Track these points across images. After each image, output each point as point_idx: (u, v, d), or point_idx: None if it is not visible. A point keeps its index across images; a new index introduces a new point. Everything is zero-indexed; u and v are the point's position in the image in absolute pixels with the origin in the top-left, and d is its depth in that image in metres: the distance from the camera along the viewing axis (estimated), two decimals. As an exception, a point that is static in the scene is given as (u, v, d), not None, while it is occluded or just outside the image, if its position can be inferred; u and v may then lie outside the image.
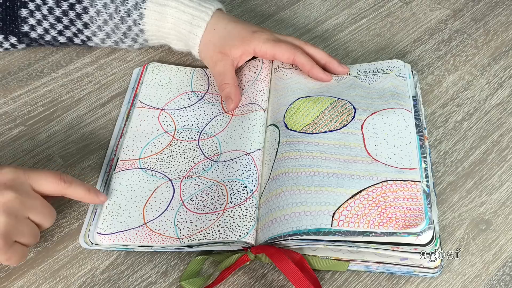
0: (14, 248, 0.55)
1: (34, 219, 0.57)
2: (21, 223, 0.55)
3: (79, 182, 0.60)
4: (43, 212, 0.57)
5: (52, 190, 0.58)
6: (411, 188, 0.58)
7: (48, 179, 0.58)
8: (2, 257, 0.54)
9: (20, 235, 0.55)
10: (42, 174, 0.58)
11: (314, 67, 0.73)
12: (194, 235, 0.60)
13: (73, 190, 0.59)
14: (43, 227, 0.58)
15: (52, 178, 0.58)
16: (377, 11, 0.89)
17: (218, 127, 0.71)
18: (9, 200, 0.54)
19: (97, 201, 0.62)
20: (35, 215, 0.56)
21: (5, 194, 0.54)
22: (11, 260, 0.55)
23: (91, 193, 0.61)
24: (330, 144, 0.64)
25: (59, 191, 0.59)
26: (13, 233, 0.54)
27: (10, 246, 0.54)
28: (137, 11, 0.74)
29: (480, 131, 0.72)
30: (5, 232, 0.53)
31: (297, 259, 0.58)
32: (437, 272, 0.59)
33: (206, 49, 0.75)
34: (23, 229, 0.55)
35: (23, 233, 0.55)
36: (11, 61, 0.80)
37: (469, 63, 0.81)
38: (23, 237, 0.55)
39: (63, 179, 0.59)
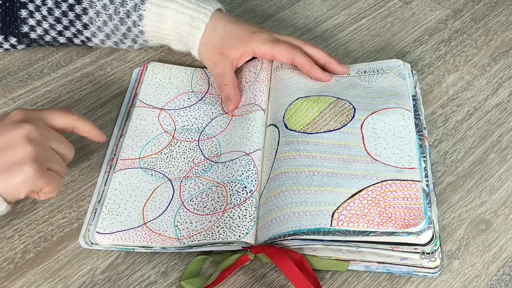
0: (50, 173, 0.56)
1: (56, 149, 0.58)
2: (47, 151, 0.57)
3: (85, 119, 0.63)
4: (63, 143, 0.59)
5: (63, 123, 0.60)
6: (411, 188, 0.58)
7: (58, 113, 0.60)
8: (42, 182, 0.55)
9: (50, 162, 0.57)
10: (51, 109, 0.60)
11: (313, 67, 0.73)
12: (194, 235, 0.60)
13: (81, 123, 0.62)
14: (66, 158, 0.59)
15: (61, 112, 0.60)
16: (377, 11, 0.89)
17: (218, 128, 0.71)
18: (29, 131, 0.56)
19: (101, 137, 0.64)
20: (57, 145, 0.58)
21: (24, 126, 0.56)
22: (51, 184, 0.56)
23: (95, 129, 0.64)
24: (330, 144, 0.64)
25: (69, 123, 0.61)
26: (43, 159, 0.56)
27: (45, 171, 0.56)
28: (136, 12, 0.74)
29: (480, 131, 0.72)
30: (36, 157, 0.55)
31: (297, 259, 0.58)
32: (437, 272, 0.59)
33: (206, 50, 0.75)
34: (52, 157, 0.57)
35: (52, 160, 0.57)
36: (11, 61, 0.80)
37: (469, 63, 0.81)
38: (54, 163, 0.57)
39: (71, 112, 0.61)
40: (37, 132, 0.56)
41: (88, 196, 0.66)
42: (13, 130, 0.55)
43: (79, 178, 0.68)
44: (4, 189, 0.54)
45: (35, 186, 0.55)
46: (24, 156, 0.54)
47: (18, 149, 0.54)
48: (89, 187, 0.67)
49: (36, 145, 0.55)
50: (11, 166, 0.54)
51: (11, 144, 0.55)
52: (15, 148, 0.54)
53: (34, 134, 0.56)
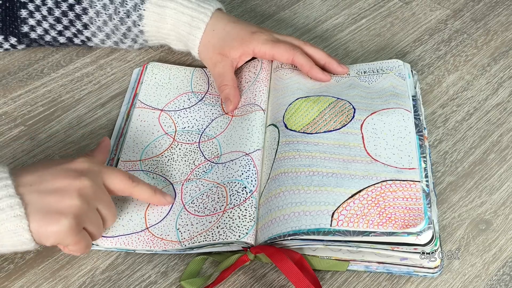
0: (83, 233, 0.56)
1: (101, 212, 0.58)
2: (91, 211, 0.56)
3: (146, 184, 0.61)
4: (110, 208, 0.58)
5: (121, 188, 0.60)
6: (411, 188, 0.58)
7: (119, 177, 0.59)
8: (72, 239, 0.54)
9: (89, 222, 0.56)
10: (114, 171, 0.60)
11: (313, 68, 0.73)
12: (194, 237, 0.60)
13: (139, 190, 0.61)
14: (107, 222, 0.59)
15: (122, 176, 0.59)
16: (377, 11, 0.89)
17: (218, 128, 0.71)
18: (85, 186, 0.55)
19: (164, 202, 0.63)
20: (103, 208, 0.57)
21: (82, 180, 0.55)
22: (79, 244, 0.55)
23: (157, 194, 0.62)
24: (330, 144, 0.64)
25: (126, 189, 0.60)
26: (84, 218, 0.55)
27: (80, 230, 0.55)
28: (136, 12, 0.74)
29: (480, 131, 0.72)
30: (78, 214, 0.54)
31: (296, 259, 0.58)
32: (437, 272, 0.59)
33: (206, 50, 0.75)
34: (93, 217, 0.56)
35: (92, 221, 0.56)
36: (11, 61, 0.80)
37: (469, 63, 0.81)
38: (91, 224, 0.56)
39: (132, 178, 0.60)
40: (91, 189, 0.56)
41: (88, 196, 0.66)
42: (70, 179, 0.55)
43: (79, 178, 0.68)
44: (36, 231, 0.53)
45: (63, 240, 0.55)
46: (68, 209, 0.54)
47: (66, 199, 0.54)
48: (89, 187, 0.67)
49: (84, 202, 0.55)
50: (52, 212, 0.53)
51: (62, 191, 0.54)
52: (63, 196, 0.54)
53: (87, 190, 0.55)
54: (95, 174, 0.57)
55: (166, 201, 0.63)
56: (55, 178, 0.55)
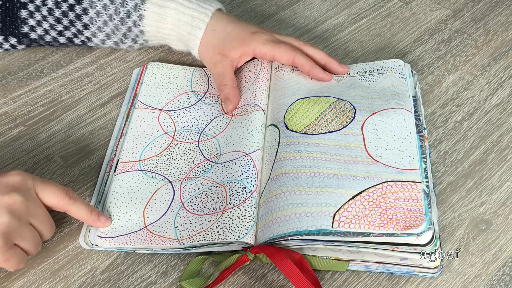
0: (14, 250, 0.55)
1: (36, 226, 0.56)
2: (23, 227, 0.55)
3: (83, 202, 0.60)
4: (45, 222, 0.57)
5: (56, 204, 0.58)
6: (412, 189, 0.58)
7: (54, 192, 0.58)
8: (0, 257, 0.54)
9: (21, 239, 0.55)
10: (49, 185, 0.58)
11: (314, 68, 0.73)
12: (193, 236, 0.60)
13: (75, 208, 0.59)
14: (43, 237, 0.58)
15: (59, 192, 0.58)
16: (377, 11, 0.89)
17: (218, 128, 0.71)
18: (14, 202, 0.54)
19: (99, 224, 0.61)
20: (37, 223, 0.56)
21: (11, 196, 0.54)
22: (9, 262, 0.55)
23: (92, 214, 0.60)
24: (331, 145, 0.64)
25: (62, 206, 0.58)
26: (14, 235, 0.54)
27: (10, 247, 0.54)
28: (136, 12, 0.74)
29: (480, 131, 0.72)
30: (6, 232, 0.53)
31: (296, 259, 0.58)
32: (437, 272, 0.59)
33: (206, 51, 0.75)
34: (24, 233, 0.55)
35: (24, 237, 0.55)
36: (11, 61, 0.80)
37: (469, 63, 0.81)
38: (23, 241, 0.55)
39: (69, 195, 0.58)
40: (22, 205, 0.54)
41: (88, 196, 0.66)
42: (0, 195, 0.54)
43: (79, 178, 0.68)
44: None
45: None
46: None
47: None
48: (89, 187, 0.67)
49: (13, 219, 0.53)
50: None
51: None
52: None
53: (17, 206, 0.54)
54: (27, 189, 0.56)
55: (101, 223, 0.61)
56: None
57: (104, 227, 0.62)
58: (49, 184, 0.58)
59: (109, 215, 0.63)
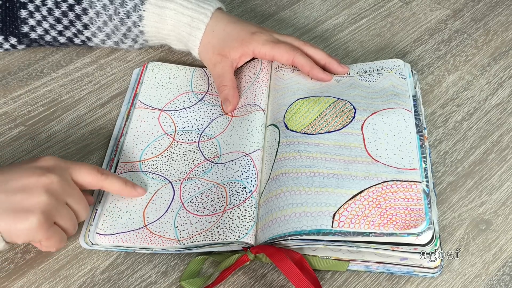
0: (54, 228, 0.56)
1: (72, 206, 0.58)
2: (61, 206, 0.56)
3: (115, 176, 0.62)
4: (80, 202, 0.58)
5: (90, 181, 0.60)
6: (411, 189, 0.58)
7: (87, 170, 0.59)
8: (42, 235, 0.55)
9: (60, 217, 0.56)
10: (81, 165, 0.60)
11: (314, 68, 0.73)
12: (193, 236, 0.60)
13: (109, 182, 0.61)
14: (79, 217, 0.59)
15: (91, 170, 0.60)
16: (377, 11, 0.89)
17: (218, 128, 0.71)
18: (51, 182, 0.55)
19: (135, 194, 0.63)
20: (73, 203, 0.58)
21: (48, 176, 0.56)
22: (51, 240, 0.56)
23: (128, 186, 0.62)
24: (331, 144, 0.64)
25: (96, 183, 0.60)
26: (53, 213, 0.55)
27: (51, 225, 0.55)
28: (136, 13, 0.74)
29: (480, 131, 0.72)
30: (47, 210, 0.54)
31: (297, 259, 0.58)
32: (437, 272, 0.59)
33: (206, 51, 0.75)
34: (63, 212, 0.56)
35: (62, 216, 0.56)
36: (11, 61, 0.80)
37: (469, 63, 0.81)
38: (62, 219, 0.56)
39: (101, 172, 0.60)
40: (58, 184, 0.56)
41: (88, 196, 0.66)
42: (36, 176, 0.55)
43: (79, 178, 0.68)
44: (6, 230, 0.54)
45: (34, 237, 0.55)
46: (35, 205, 0.54)
47: (33, 196, 0.54)
48: (89, 187, 0.67)
49: (51, 198, 0.55)
50: (20, 210, 0.54)
51: (29, 188, 0.54)
52: (30, 194, 0.54)
53: (54, 186, 0.56)
54: (62, 170, 0.57)
55: (137, 193, 0.63)
56: (21, 176, 0.55)
57: (140, 196, 0.64)
58: (81, 164, 0.60)
59: (108, 214, 0.63)
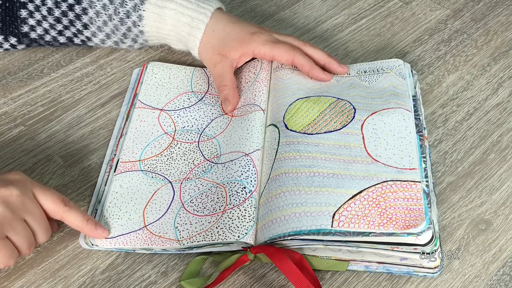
0: (5, 242, 0.54)
1: (30, 225, 0.56)
2: (16, 220, 0.54)
3: (79, 211, 0.59)
4: (40, 222, 0.56)
5: (51, 209, 0.58)
6: (411, 189, 0.58)
7: (51, 197, 0.57)
8: None
9: (13, 232, 0.54)
10: (47, 190, 0.58)
11: (314, 68, 0.73)
12: (193, 237, 0.60)
13: (71, 215, 0.58)
14: (38, 238, 0.57)
15: (55, 198, 0.58)
16: (377, 11, 0.89)
17: (218, 128, 0.71)
18: (10, 194, 0.54)
19: (96, 234, 0.60)
20: (32, 221, 0.56)
21: (8, 188, 0.55)
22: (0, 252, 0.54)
23: (89, 224, 0.59)
24: (330, 144, 0.64)
25: (57, 212, 0.58)
26: (6, 226, 0.54)
27: (1, 238, 0.53)
28: (136, 13, 0.74)
29: (480, 131, 0.72)
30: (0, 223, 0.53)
31: (296, 259, 0.58)
32: (437, 272, 0.59)
33: (205, 51, 0.75)
34: (17, 227, 0.55)
35: (16, 231, 0.54)
36: (11, 61, 0.80)
37: (469, 63, 0.81)
38: (15, 235, 0.54)
39: (64, 202, 0.58)
40: (17, 198, 0.55)
41: (88, 196, 0.66)
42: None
43: (79, 178, 0.68)
44: None
45: None
46: None
47: None
48: (89, 187, 0.67)
49: (7, 210, 0.54)
50: None
51: None
52: None
53: (13, 199, 0.54)
54: (25, 187, 0.56)
55: (97, 233, 0.60)
56: None
57: (101, 238, 0.60)
58: (48, 189, 0.58)
59: (109, 216, 0.63)
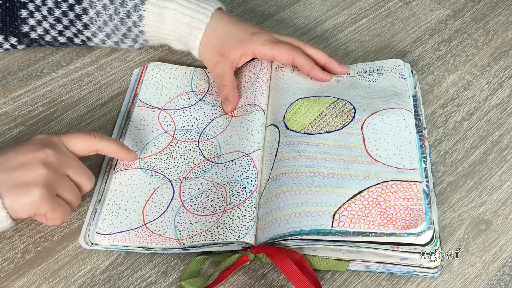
0: (58, 200, 0.57)
1: (73, 178, 0.59)
2: (61, 178, 0.57)
3: (110, 138, 0.62)
4: (81, 172, 0.59)
5: (85, 147, 0.60)
6: (411, 189, 0.58)
7: (78, 137, 0.60)
8: (46, 207, 0.56)
9: (62, 189, 0.57)
10: (72, 134, 0.61)
11: (314, 68, 0.73)
12: (193, 236, 0.60)
13: (105, 144, 0.62)
14: (83, 188, 0.60)
15: (82, 136, 0.61)
16: (377, 11, 0.89)
17: (218, 128, 0.71)
18: (47, 155, 0.56)
19: (129, 158, 0.64)
20: (73, 174, 0.58)
21: (43, 150, 0.56)
22: (56, 212, 0.56)
23: (123, 149, 0.63)
24: (330, 144, 0.64)
25: (91, 146, 0.61)
26: (55, 186, 0.56)
27: (53, 197, 0.56)
28: (136, 13, 0.74)
29: (480, 131, 0.72)
30: (47, 182, 0.55)
31: (297, 259, 0.58)
32: (437, 272, 0.59)
33: (206, 51, 0.75)
34: (64, 184, 0.57)
35: (64, 188, 0.57)
36: (11, 61, 0.80)
37: (469, 63, 0.81)
38: (64, 191, 0.57)
39: (93, 135, 0.61)
40: (54, 157, 0.57)
41: (88, 196, 0.66)
42: (33, 152, 0.56)
43: (79, 178, 0.68)
44: (11, 206, 0.55)
45: (39, 210, 0.56)
46: (35, 179, 0.55)
47: (31, 171, 0.55)
48: (89, 187, 0.67)
49: (50, 170, 0.56)
50: (21, 185, 0.55)
51: (26, 164, 0.55)
52: (29, 169, 0.55)
53: (51, 159, 0.57)
54: (55, 143, 0.58)
55: (131, 157, 0.64)
56: (18, 154, 0.56)
57: (134, 160, 0.65)
58: (72, 134, 0.61)
59: (107, 213, 0.63)
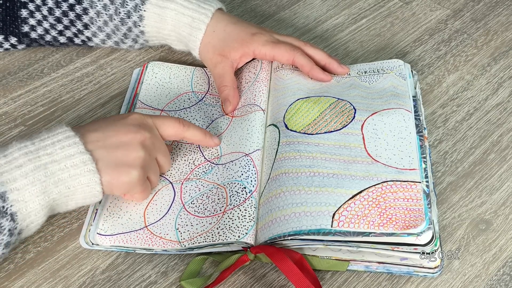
0: (147, 183, 0.61)
1: (160, 160, 0.63)
2: (152, 161, 0.61)
3: (195, 126, 0.65)
4: (166, 156, 0.63)
5: (173, 133, 0.64)
6: (411, 189, 0.58)
7: (170, 123, 0.63)
8: (139, 188, 0.60)
9: (151, 171, 0.61)
10: (164, 118, 0.64)
11: (314, 68, 0.73)
12: (194, 238, 0.60)
13: (191, 132, 0.65)
14: (164, 170, 0.64)
15: (173, 122, 0.64)
16: (377, 11, 0.89)
17: (218, 129, 0.71)
18: (145, 138, 0.60)
19: (212, 144, 0.67)
20: (161, 157, 0.62)
21: (142, 133, 0.60)
22: (144, 192, 0.61)
23: (207, 136, 0.66)
24: (330, 144, 0.64)
25: (179, 134, 0.64)
26: (148, 168, 0.60)
27: (145, 179, 0.61)
28: (136, 13, 0.74)
29: (480, 131, 0.72)
30: (144, 165, 0.59)
31: (297, 259, 0.58)
32: (437, 272, 0.59)
33: (206, 51, 0.75)
34: (153, 167, 0.62)
35: (153, 170, 0.62)
36: (11, 61, 0.80)
37: (469, 63, 0.81)
38: (153, 173, 0.62)
39: (182, 123, 0.64)
40: (150, 140, 0.60)
41: (88, 196, 0.66)
42: (132, 133, 0.59)
43: (79, 178, 0.68)
44: (108, 183, 0.57)
45: (133, 190, 0.60)
46: (135, 160, 0.58)
47: (132, 152, 0.58)
48: (89, 187, 0.67)
49: (147, 153, 0.59)
50: (123, 165, 0.58)
51: (127, 144, 0.58)
52: (129, 150, 0.58)
53: (148, 142, 0.60)
54: (150, 126, 0.62)
55: (214, 143, 0.67)
56: (118, 133, 0.59)
57: (216, 146, 0.68)
58: (165, 117, 0.64)
59: (109, 214, 0.63)
